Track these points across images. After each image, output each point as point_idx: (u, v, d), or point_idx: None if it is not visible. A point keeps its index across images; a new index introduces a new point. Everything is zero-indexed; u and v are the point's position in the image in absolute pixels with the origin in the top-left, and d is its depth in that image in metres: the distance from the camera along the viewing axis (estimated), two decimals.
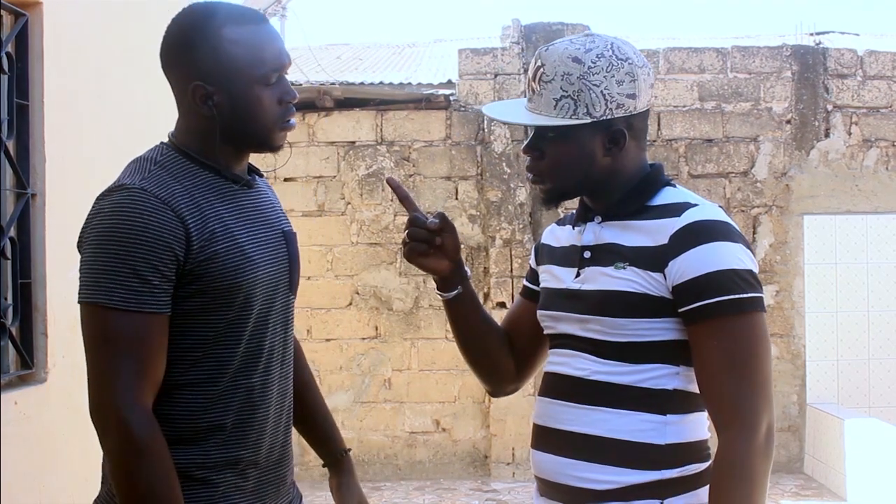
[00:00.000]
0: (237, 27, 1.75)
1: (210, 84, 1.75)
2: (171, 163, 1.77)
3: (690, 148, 7.78)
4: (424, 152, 7.83)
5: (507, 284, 7.58)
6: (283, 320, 1.86)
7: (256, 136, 1.79)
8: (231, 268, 1.71)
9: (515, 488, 7.28)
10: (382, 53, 10.75)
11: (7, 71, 3.08)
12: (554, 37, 7.81)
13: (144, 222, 1.64)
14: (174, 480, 1.65)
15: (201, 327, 1.72)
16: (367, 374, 7.73)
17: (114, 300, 1.64)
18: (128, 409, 1.62)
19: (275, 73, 1.77)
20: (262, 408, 1.79)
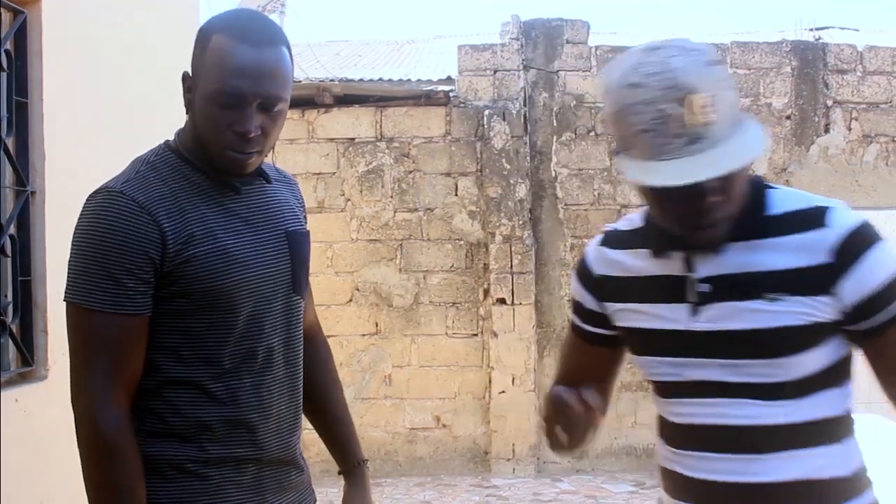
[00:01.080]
0: (229, 39, 1.68)
1: (192, 80, 1.75)
2: (163, 163, 1.77)
3: None
4: (424, 148, 7.83)
5: (507, 280, 7.58)
6: (285, 321, 1.85)
7: (207, 151, 1.74)
8: (210, 270, 1.71)
9: (516, 484, 7.29)
10: (382, 50, 10.75)
11: (6, 68, 3.08)
12: (553, 33, 7.82)
13: (119, 226, 1.66)
14: (139, 482, 1.67)
15: (186, 327, 1.73)
16: (367, 370, 7.74)
17: (89, 301, 1.66)
18: (98, 408, 1.66)
19: (232, 98, 1.67)
20: (260, 408, 1.79)
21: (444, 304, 7.77)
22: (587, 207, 7.79)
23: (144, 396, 1.72)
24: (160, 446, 1.72)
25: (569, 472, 7.66)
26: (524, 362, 7.58)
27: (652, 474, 7.51)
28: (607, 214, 7.76)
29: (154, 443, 1.72)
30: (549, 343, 7.73)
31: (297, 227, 1.91)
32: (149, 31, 4.09)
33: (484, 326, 7.72)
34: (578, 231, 7.77)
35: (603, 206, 7.78)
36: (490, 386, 7.64)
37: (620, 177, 7.77)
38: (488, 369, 7.67)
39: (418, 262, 7.76)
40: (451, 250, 7.78)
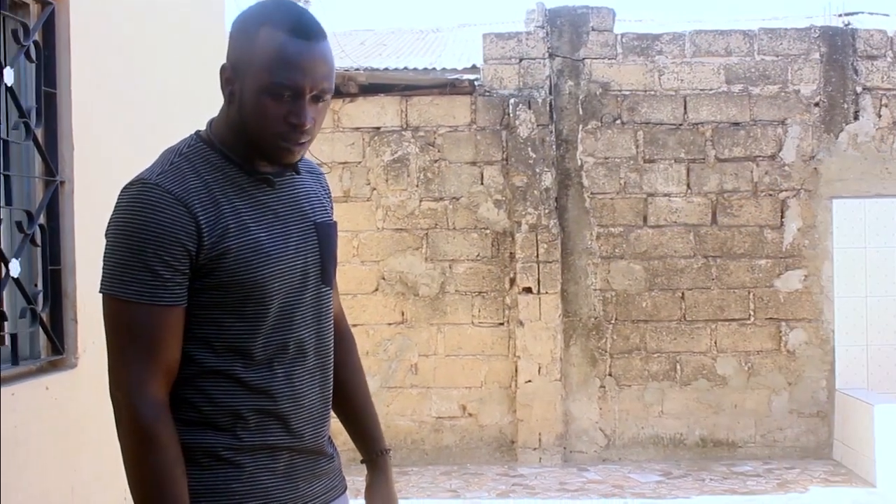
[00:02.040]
0: (277, 31, 1.70)
1: (234, 72, 1.76)
2: (196, 155, 1.78)
3: (717, 131, 7.72)
4: (449, 137, 7.82)
5: (533, 269, 7.57)
6: (316, 312, 1.87)
7: (255, 143, 1.76)
8: (244, 263, 1.73)
9: (542, 473, 7.29)
10: (407, 39, 10.74)
11: (35, 60, 3.10)
12: (579, 21, 7.78)
13: (156, 218, 1.67)
14: (178, 470, 1.69)
15: (219, 319, 1.75)
16: (393, 359, 7.75)
17: (127, 293, 1.69)
18: (136, 398, 1.68)
19: (286, 90, 1.71)
20: (292, 398, 1.81)
21: (470, 294, 7.76)
22: (613, 196, 7.75)
23: (180, 386, 1.74)
24: (195, 435, 1.74)
25: (595, 461, 7.64)
26: (550, 351, 7.57)
27: (679, 464, 7.49)
28: (633, 203, 7.72)
29: (189, 431, 1.74)
30: (576, 332, 7.71)
31: (326, 218, 1.93)
32: (175, 21, 4.11)
33: (510, 315, 7.72)
34: (605, 220, 7.74)
35: (629, 194, 7.74)
36: (516, 375, 7.64)
37: (648, 165, 7.73)
38: (514, 358, 7.66)
39: (444, 251, 7.76)
40: (476, 239, 7.77)
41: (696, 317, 7.69)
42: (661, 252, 7.71)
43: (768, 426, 7.67)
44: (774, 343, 7.67)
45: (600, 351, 7.71)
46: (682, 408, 7.68)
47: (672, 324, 7.70)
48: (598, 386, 7.71)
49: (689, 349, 7.68)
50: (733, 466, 7.39)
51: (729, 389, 7.67)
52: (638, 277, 7.72)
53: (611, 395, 7.71)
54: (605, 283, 7.72)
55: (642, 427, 7.71)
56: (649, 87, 7.76)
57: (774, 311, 7.67)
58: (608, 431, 7.72)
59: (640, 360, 7.70)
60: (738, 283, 7.68)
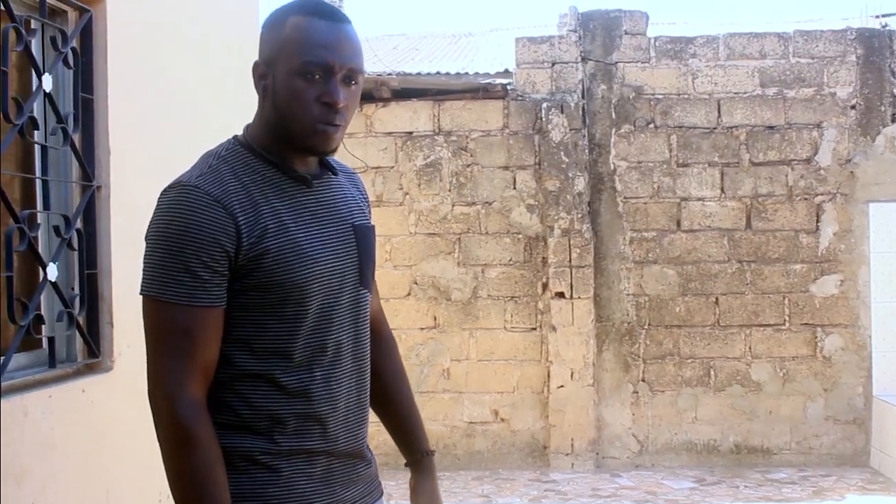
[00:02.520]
0: (304, 17, 1.75)
1: (266, 66, 1.79)
2: (234, 157, 1.80)
3: (751, 135, 7.66)
4: (482, 142, 7.82)
5: (566, 274, 7.55)
6: (353, 314, 1.87)
7: (291, 131, 1.78)
8: (284, 263, 1.74)
9: (574, 479, 7.26)
10: (439, 43, 10.75)
11: (72, 66, 3.13)
12: (612, 24, 7.76)
13: (195, 220, 1.69)
14: (218, 469, 1.70)
15: (260, 321, 1.76)
16: (425, 363, 7.76)
17: (166, 294, 1.70)
18: (175, 399, 1.69)
19: (318, 68, 1.73)
20: (330, 401, 1.81)
21: (502, 298, 7.76)
22: (646, 200, 7.71)
23: (218, 389, 1.76)
24: (233, 438, 1.75)
25: (628, 467, 7.60)
26: (583, 356, 7.54)
27: (712, 470, 7.43)
28: (667, 207, 7.68)
29: (227, 435, 1.75)
30: (608, 337, 7.68)
31: (363, 220, 1.94)
32: (210, 28, 4.14)
33: (542, 320, 7.70)
34: (638, 224, 7.70)
35: (662, 198, 7.70)
36: (548, 380, 7.62)
37: (681, 169, 7.68)
38: (547, 363, 7.64)
39: (476, 255, 7.76)
40: (509, 244, 7.76)
41: (730, 322, 7.63)
42: (695, 257, 7.66)
43: (804, 433, 7.59)
44: (810, 349, 7.59)
45: (633, 356, 7.67)
46: (716, 414, 7.62)
47: (706, 329, 7.64)
48: (631, 391, 7.67)
49: (723, 355, 7.62)
50: (768, 473, 7.32)
51: (764, 395, 7.60)
52: (671, 282, 7.67)
53: (644, 401, 7.66)
54: (639, 288, 7.68)
55: (675, 433, 7.66)
56: (683, 91, 7.72)
57: (810, 316, 7.59)
58: (641, 437, 7.68)
59: (673, 366, 7.65)
60: (773, 287, 7.61)
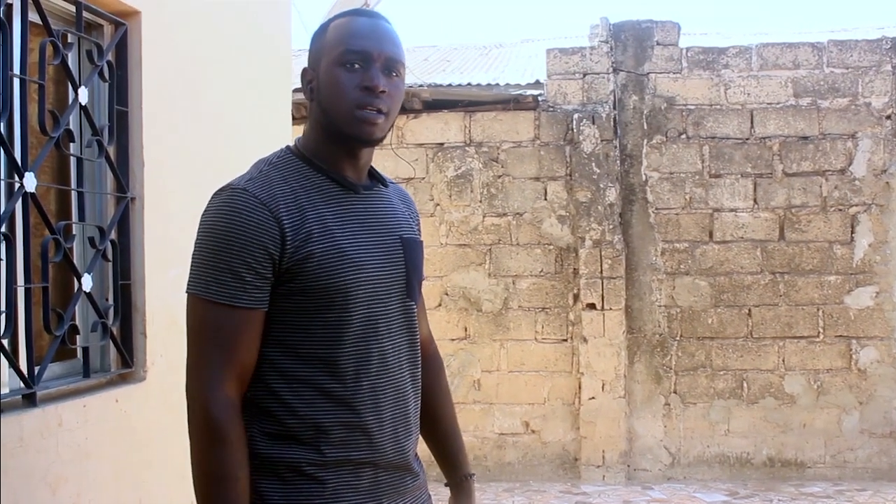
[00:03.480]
0: (345, 18, 1.84)
1: (312, 70, 1.86)
2: (285, 164, 1.84)
3: (785, 146, 7.61)
4: (513, 153, 7.82)
5: (597, 285, 7.52)
6: (401, 325, 1.88)
7: (337, 122, 1.81)
8: (327, 267, 1.75)
9: (605, 491, 7.22)
10: (470, 54, 10.77)
11: (108, 79, 3.17)
12: (643, 35, 7.74)
13: (241, 222, 1.72)
14: (242, 471, 1.72)
15: (305, 326, 1.77)
16: (456, 374, 7.75)
17: (209, 293, 1.73)
18: (209, 396, 1.71)
19: (356, 56, 1.79)
20: (376, 411, 1.82)
21: (533, 309, 7.74)
22: (678, 212, 7.67)
23: (263, 397, 1.77)
24: (278, 448, 1.76)
25: (660, 480, 7.55)
26: (614, 368, 7.50)
27: (745, 484, 7.36)
28: (699, 218, 7.63)
29: (273, 445, 1.76)
30: (640, 349, 7.64)
31: (411, 234, 1.96)
32: (243, 42, 4.18)
33: (574, 332, 7.67)
34: (669, 235, 7.66)
35: (695, 210, 7.65)
36: (580, 392, 7.59)
37: (713, 180, 7.63)
38: (578, 375, 7.61)
39: (507, 266, 7.75)
40: (540, 255, 7.75)
41: (763, 334, 7.56)
42: (728, 268, 7.61)
43: (838, 446, 7.50)
44: (845, 361, 7.51)
45: (665, 368, 7.62)
46: (749, 426, 7.55)
47: (738, 341, 7.58)
48: (663, 403, 7.62)
49: (756, 367, 7.56)
50: (802, 487, 7.24)
51: (797, 408, 7.52)
52: (703, 293, 7.62)
53: (675, 413, 7.61)
54: (670, 300, 7.64)
55: (708, 445, 7.60)
56: (715, 102, 7.68)
57: (844, 328, 7.51)
58: (673, 450, 7.62)
59: (705, 378, 7.59)
60: (807, 299, 7.54)
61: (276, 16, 4.68)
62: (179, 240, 3.41)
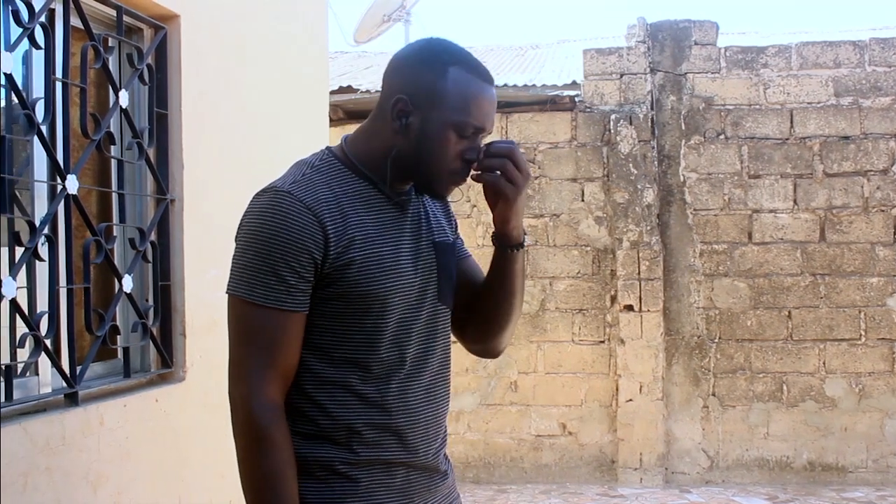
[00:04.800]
0: (465, 73, 1.81)
1: (413, 104, 1.81)
2: (328, 168, 1.84)
3: (825, 146, 7.52)
4: (550, 154, 7.80)
5: (635, 287, 7.47)
6: (432, 329, 1.90)
7: (426, 174, 1.83)
8: (367, 275, 1.77)
9: (643, 494, 7.17)
10: (506, 55, 10.76)
11: (147, 82, 3.21)
12: (681, 35, 7.69)
13: (286, 225, 1.72)
14: (290, 471, 1.73)
15: (339, 330, 1.78)
16: (493, 376, 7.74)
17: (253, 295, 1.73)
18: (253, 398, 1.72)
19: (473, 129, 1.81)
20: (407, 413, 1.83)
21: (570, 311, 7.71)
22: (717, 213, 7.61)
23: (297, 398, 1.79)
24: (312, 448, 1.78)
25: (698, 483, 7.49)
26: (652, 370, 7.45)
27: (785, 488, 7.28)
28: (738, 220, 7.57)
29: (306, 444, 1.78)
30: (678, 351, 7.58)
31: (444, 237, 1.97)
32: (280, 44, 4.21)
33: (611, 333, 7.63)
34: (708, 237, 7.60)
35: (734, 210, 7.59)
36: (617, 394, 7.55)
37: (753, 181, 7.56)
38: (615, 377, 7.57)
39: (544, 268, 7.73)
40: (577, 256, 7.72)
41: (803, 336, 7.48)
42: (767, 269, 7.53)
43: (881, 451, 7.40)
44: (887, 364, 7.40)
45: (703, 370, 7.56)
46: (789, 430, 7.47)
47: (778, 343, 7.50)
48: (701, 406, 7.56)
49: (796, 369, 7.47)
50: (843, 492, 7.14)
51: (839, 412, 7.43)
52: (742, 295, 7.55)
53: (714, 416, 7.55)
54: (709, 301, 7.58)
55: (747, 449, 7.52)
56: (754, 101, 7.61)
57: (887, 330, 7.41)
58: (711, 453, 7.56)
59: (744, 381, 7.52)
60: (848, 301, 7.44)
61: (313, 18, 4.70)
62: (218, 241, 3.43)
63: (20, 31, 2.56)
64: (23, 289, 2.58)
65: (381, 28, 10.64)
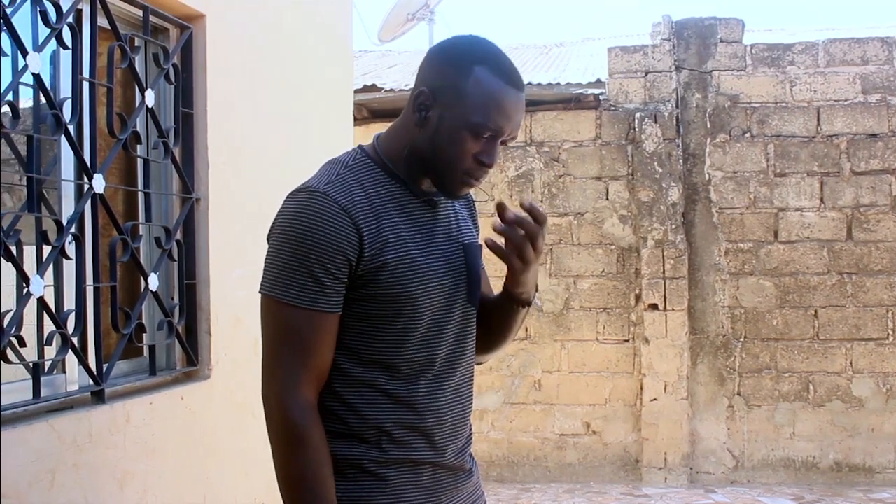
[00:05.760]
0: (490, 74, 1.77)
1: (434, 98, 1.80)
2: (361, 168, 1.84)
3: (853, 144, 7.45)
4: (574, 153, 7.78)
5: (660, 286, 7.44)
6: (461, 331, 1.90)
7: (439, 171, 1.81)
8: (400, 277, 1.77)
9: (667, 493, 7.14)
10: (530, 54, 10.74)
11: (173, 81, 3.23)
12: (706, 32, 7.64)
13: (321, 226, 1.72)
14: (326, 470, 1.73)
15: (370, 332, 1.79)
16: (516, 375, 7.73)
17: (288, 296, 1.73)
18: (288, 399, 1.73)
19: (489, 132, 1.77)
20: (436, 414, 1.84)
21: (594, 310, 7.69)
22: (742, 211, 7.56)
23: (327, 397, 1.79)
24: (341, 446, 1.79)
25: (723, 483, 7.45)
26: (677, 369, 7.42)
27: (811, 488, 7.22)
28: (763, 218, 7.52)
29: (336, 442, 1.78)
30: (703, 350, 7.54)
31: (471, 238, 1.98)
32: (305, 43, 4.22)
33: (635, 332, 7.60)
34: (733, 235, 7.55)
35: (759, 209, 7.54)
36: (641, 393, 7.52)
37: (779, 179, 7.51)
38: (640, 376, 7.54)
39: (568, 266, 7.71)
40: (601, 255, 7.70)
41: (830, 336, 7.42)
42: (793, 268, 7.48)
43: None
44: None
45: (728, 370, 7.52)
46: (815, 430, 7.41)
47: (804, 343, 7.45)
48: (727, 405, 7.52)
49: (822, 369, 7.42)
50: (870, 493, 7.08)
51: (866, 412, 7.36)
52: (768, 294, 7.50)
53: (739, 416, 7.50)
54: (734, 300, 7.53)
55: (773, 449, 7.48)
56: (780, 99, 7.55)
57: None
58: (737, 452, 7.51)
59: (770, 380, 7.47)
60: (876, 300, 7.37)
61: (338, 17, 4.71)
62: (244, 240, 3.46)
63: (48, 31, 2.58)
64: (50, 287, 2.60)
65: (406, 27, 10.65)
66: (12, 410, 2.38)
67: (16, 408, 2.40)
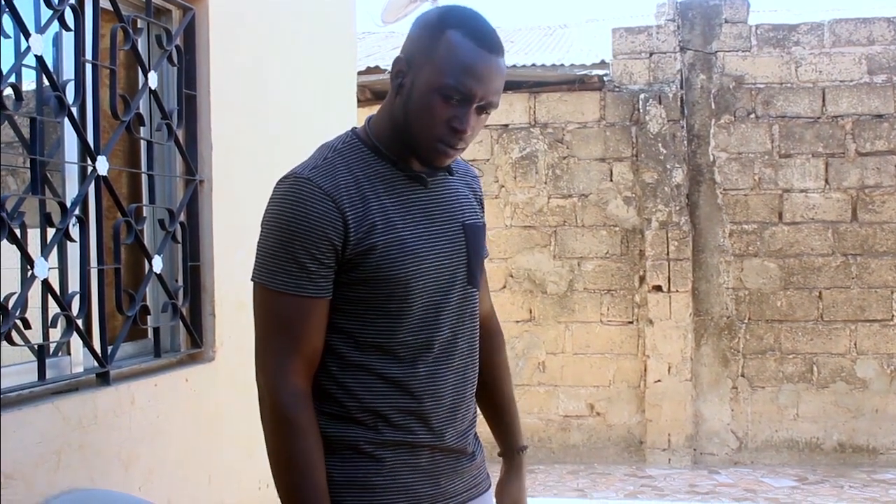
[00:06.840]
0: (462, 37, 1.73)
1: (408, 65, 1.78)
2: (350, 151, 1.82)
3: (858, 124, 7.42)
4: (578, 134, 7.76)
5: (664, 267, 7.44)
6: (461, 312, 1.88)
7: (413, 138, 1.79)
8: (389, 259, 1.76)
9: (671, 475, 7.16)
10: (534, 35, 10.70)
11: (176, 63, 3.21)
12: (711, 13, 7.61)
13: (304, 212, 1.72)
14: (316, 455, 1.74)
15: (363, 315, 1.78)
16: (521, 356, 7.75)
17: (274, 282, 1.74)
18: (278, 385, 1.74)
19: (459, 94, 1.72)
20: (434, 397, 1.83)
21: (598, 291, 7.69)
22: (747, 192, 7.55)
23: (325, 380, 1.80)
24: (338, 428, 1.79)
25: (726, 464, 7.47)
26: (680, 351, 7.43)
27: (815, 469, 7.24)
28: (768, 199, 7.50)
29: (333, 425, 1.79)
30: (707, 331, 7.54)
31: (474, 219, 1.94)
32: (309, 25, 4.20)
33: (639, 314, 7.61)
34: (738, 216, 7.54)
35: (764, 190, 7.52)
36: (645, 374, 7.53)
37: (783, 160, 7.49)
38: (644, 357, 7.55)
39: (572, 248, 7.71)
40: (605, 237, 7.69)
41: (834, 317, 7.42)
42: (797, 250, 7.47)
43: None
44: None
45: (732, 351, 7.52)
46: (819, 411, 7.42)
47: (808, 324, 7.45)
48: (730, 387, 7.53)
49: (826, 350, 7.42)
50: (874, 474, 7.10)
51: (870, 393, 7.37)
52: (772, 276, 7.49)
53: (743, 397, 7.51)
54: (738, 282, 7.53)
55: (776, 430, 7.49)
56: (785, 80, 7.53)
57: None
58: (740, 434, 7.53)
59: (774, 361, 7.48)
60: (881, 282, 7.37)
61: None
62: (247, 222, 3.44)
63: (50, 13, 2.57)
64: (54, 269, 2.61)
65: (409, 8, 10.60)
66: (17, 392, 2.39)
67: (21, 390, 2.41)
